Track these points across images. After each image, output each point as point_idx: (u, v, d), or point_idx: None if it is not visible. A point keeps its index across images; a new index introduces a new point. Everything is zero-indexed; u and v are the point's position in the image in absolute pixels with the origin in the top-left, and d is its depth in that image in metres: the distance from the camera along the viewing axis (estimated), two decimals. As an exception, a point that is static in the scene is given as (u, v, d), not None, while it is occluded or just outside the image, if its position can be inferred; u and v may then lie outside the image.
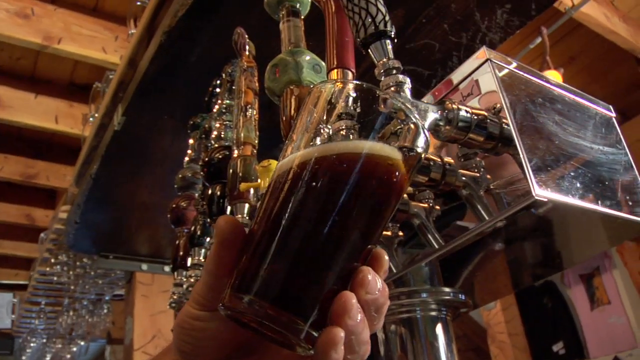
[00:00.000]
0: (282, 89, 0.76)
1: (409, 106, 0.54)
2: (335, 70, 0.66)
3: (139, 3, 2.08)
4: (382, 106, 0.52)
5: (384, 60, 0.58)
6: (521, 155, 0.57)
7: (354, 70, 0.67)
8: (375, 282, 0.42)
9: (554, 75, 2.22)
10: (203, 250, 1.04)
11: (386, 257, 0.45)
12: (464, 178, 0.70)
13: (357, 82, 0.51)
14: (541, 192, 0.56)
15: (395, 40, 0.64)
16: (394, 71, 0.56)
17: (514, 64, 0.67)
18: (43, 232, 2.96)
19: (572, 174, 0.63)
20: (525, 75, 0.67)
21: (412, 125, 0.53)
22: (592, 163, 0.68)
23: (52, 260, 2.90)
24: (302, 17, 0.90)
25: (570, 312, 4.43)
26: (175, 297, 1.06)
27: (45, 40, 2.40)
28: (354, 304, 0.41)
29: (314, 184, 0.43)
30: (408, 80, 0.56)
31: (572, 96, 0.73)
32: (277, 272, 0.42)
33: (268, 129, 1.03)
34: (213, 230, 0.99)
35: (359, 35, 0.60)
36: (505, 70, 0.65)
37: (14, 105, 2.82)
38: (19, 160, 3.44)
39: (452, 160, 0.69)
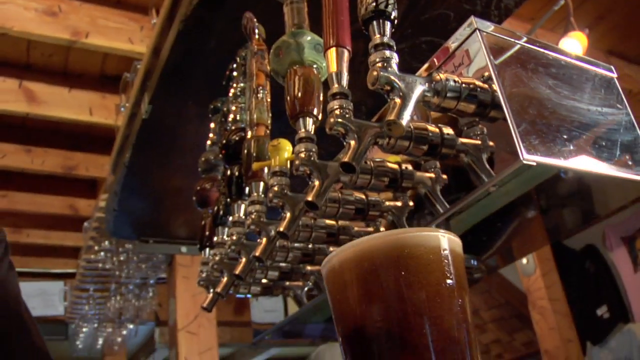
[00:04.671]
0: (286, 70, 0.79)
1: (397, 80, 0.56)
2: (333, 49, 0.68)
3: (159, -7, 2.12)
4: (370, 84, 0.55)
5: (378, 36, 0.59)
6: (509, 120, 0.59)
7: (349, 49, 0.69)
8: None
9: (578, 37, 2.18)
10: (226, 229, 1.09)
11: None
12: (464, 146, 0.72)
13: None
14: (529, 157, 0.58)
15: (395, 22, 0.65)
16: (383, 47, 0.58)
17: (505, 32, 0.68)
18: (86, 221, 3.03)
19: (565, 136, 0.64)
20: (516, 42, 0.68)
21: (397, 99, 0.56)
22: (588, 125, 0.69)
23: (96, 248, 2.98)
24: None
25: (613, 275, 4.38)
26: (203, 275, 1.11)
27: (74, 36, 2.46)
28: None
29: None
30: (395, 55, 0.58)
31: (568, 59, 0.74)
32: None
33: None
34: (233, 208, 1.03)
35: (360, 14, 0.62)
36: (495, 39, 0.66)
37: (49, 101, 2.89)
38: (59, 153, 3.52)
39: (451, 130, 0.71)
